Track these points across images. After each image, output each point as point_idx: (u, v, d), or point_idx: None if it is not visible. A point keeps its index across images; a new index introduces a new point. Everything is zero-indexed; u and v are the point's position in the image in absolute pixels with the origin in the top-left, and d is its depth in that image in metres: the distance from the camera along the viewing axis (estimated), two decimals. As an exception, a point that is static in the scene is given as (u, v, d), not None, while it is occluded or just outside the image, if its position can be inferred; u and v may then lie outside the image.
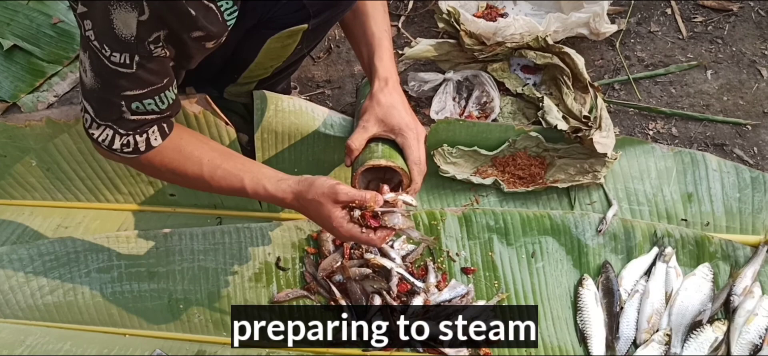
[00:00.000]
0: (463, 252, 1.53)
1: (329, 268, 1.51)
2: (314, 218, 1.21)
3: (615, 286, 1.45)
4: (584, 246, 1.51)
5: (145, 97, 1.12)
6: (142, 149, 1.18)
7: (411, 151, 1.26)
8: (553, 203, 1.59)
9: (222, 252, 1.54)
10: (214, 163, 1.23)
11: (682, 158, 1.58)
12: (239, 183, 1.22)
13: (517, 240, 1.52)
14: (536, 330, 1.34)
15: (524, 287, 1.49)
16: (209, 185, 1.23)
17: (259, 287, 1.52)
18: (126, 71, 1.07)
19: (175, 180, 1.27)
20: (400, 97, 1.30)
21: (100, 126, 1.15)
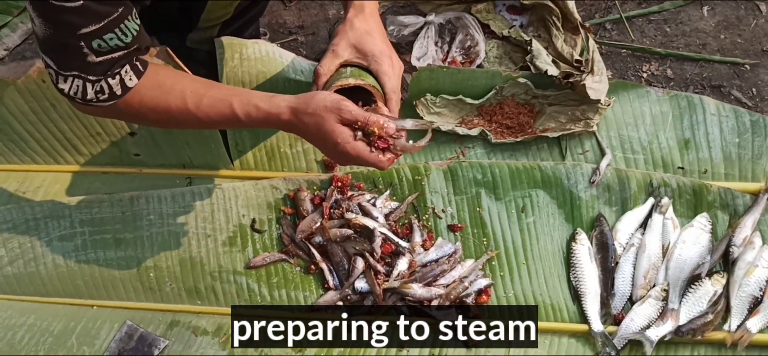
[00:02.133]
0: (449, 208, 1.45)
1: (308, 230, 1.42)
2: (313, 137, 1.09)
3: (609, 240, 1.38)
4: (577, 198, 1.43)
5: (105, 32, 1.01)
6: (118, 93, 1.08)
7: (387, 78, 1.16)
8: (543, 153, 1.50)
9: (193, 216, 1.45)
10: (198, 93, 1.12)
11: (678, 102, 1.50)
12: (228, 109, 1.11)
13: (506, 194, 1.44)
14: (536, 330, 1.29)
15: (514, 244, 1.42)
16: (196, 117, 1.12)
17: (234, 251, 1.43)
18: (72, 5, 0.96)
19: (158, 120, 1.15)
20: (377, 25, 1.19)
21: (66, 78, 1.05)
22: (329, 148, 1.09)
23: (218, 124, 1.16)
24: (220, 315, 1.41)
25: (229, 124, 1.14)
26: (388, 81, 1.16)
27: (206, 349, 1.37)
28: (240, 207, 1.46)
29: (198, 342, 1.38)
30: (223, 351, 1.36)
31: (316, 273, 1.42)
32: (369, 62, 1.17)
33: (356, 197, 1.44)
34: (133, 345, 1.37)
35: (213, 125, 1.16)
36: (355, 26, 1.17)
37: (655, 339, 1.30)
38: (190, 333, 1.39)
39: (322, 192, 1.45)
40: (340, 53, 1.17)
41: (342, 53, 1.17)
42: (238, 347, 1.31)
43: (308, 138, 1.12)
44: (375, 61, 1.16)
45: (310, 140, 1.12)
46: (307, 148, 1.52)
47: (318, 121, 1.06)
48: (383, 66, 1.16)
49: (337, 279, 1.41)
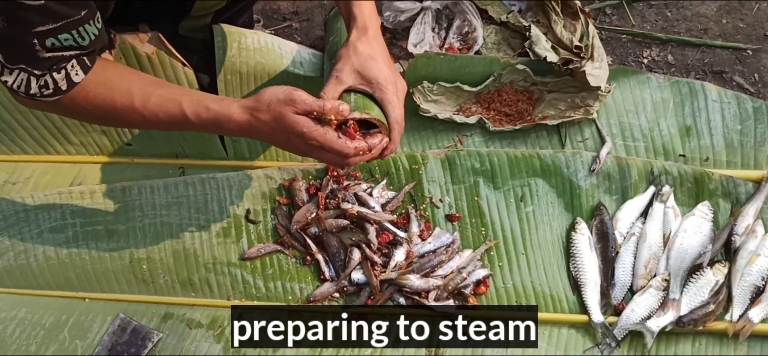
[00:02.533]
0: (447, 197, 1.42)
1: (303, 220, 1.40)
2: (273, 133, 1.06)
3: (609, 230, 1.36)
4: (576, 187, 1.41)
5: (61, 31, 0.97)
6: (63, 88, 1.04)
7: (391, 107, 1.12)
8: (542, 141, 1.48)
9: (186, 206, 1.42)
10: (146, 91, 1.08)
11: (679, 88, 1.48)
12: (177, 109, 1.07)
13: (504, 183, 1.42)
14: (536, 330, 1.27)
15: (513, 233, 1.40)
16: (142, 116, 1.08)
17: (228, 242, 1.41)
18: (34, 3, 0.93)
19: (104, 118, 1.12)
20: (381, 48, 1.15)
21: (12, 71, 1.01)
22: (293, 141, 1.05)
23: (166, 125, 1.10)
24: (214, 308, 1.38)
25: (177, 125, 1.09)
26: (393, 110, 1.12)
27: (201, 342, 1.35)
28: (234, 197, 1.43)
29: (192, 334, 1.36)
30: (218, 343, 1.34)
31: (312, 265, 1.40)
32: (374, 89, 1.12)
33: (352, 186, 1.42)
34: (126, 338, 1.35)
35: (160, 125, 1.10)
36: (358, 50, 1.12)
37: (656, 329, 1.28)
38: (184, 325, 1.37)
39: (318, 182, 1.43)
40: (343, 79, 1.12)
41: (346, 79, 1.12)
42: (239, 347, 1.29)
43: (266, 137, 1.07)
44: (380, 88, 1.12)
45: (268, 139, 1.08)
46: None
47: (276, 116, 1.03)
48: (387, 94, 1.12)
49: (334, 271, 1.38)
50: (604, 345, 1.29)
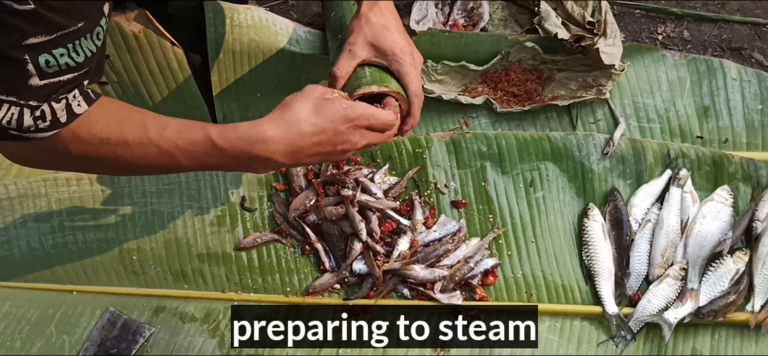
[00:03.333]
0: (452, 183, 1.35)
1: (302, 207, 1.33)
2: (318, 138, 0.94)
3: (624, 216, 1.29)
4: (589, 171, 1.34)
5: (55, 46, 0.82)
6: (62, 120, 0.87)
7: (409, 79, 1.04)
8: (552, 123, 1.41)
9: (178, 194, 1.35)
10: (162, 120, 0.94)
11: (696, 66, 1.40)
12: (200, 132, 0.93)
13: (513, 167, 1.35)
14: (536, 331, 1.21)
15: (523, 220, 1.33)
16: (158, 147, 0.92)
17: (223, 232, 1.34)
18: (22, 7, 0.78)
19: (109, 156, 0.93)
20: (394, 17, 1.08)
21: (1, 104, 0.83)
22: (338, 134, 0.95)
23: (185, 156, 0.94)
24: (209, 300, 1.32)
25: (200, 155, 0.94)
26: (411, 82, 1.05)
27: (194, 337, 1.28)
28: (228, 184, 1.37)
29: (186, 328, 1.29)
30: (213, 338, 1.28)
31: (311, 254, 1.33)
32: (389, 62, 1.05)
33: (353, 172, 1.35)
34: (116, 333, 1.29)
35: (178, 159, 0.94)
36: (371, 21, 1.05)
37: (674, 321, 1.22)
38: (177, 319, 1.30)
39: (317, 167, 1.36)
40: (357, 53, 1.04)
41: (359, 52, 1.04)
42: (238, 347, 1.24)
43: (311, 147, 0.95)
44: (396, 60, 1.05)
45: (313, 150, 0.96)
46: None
47: (314, 111, 0.95)
48: (405, 65, 1.05)
49: (334, 261, 1.32)
50: (619, 338, 1.23)
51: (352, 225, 1.29)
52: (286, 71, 1.40)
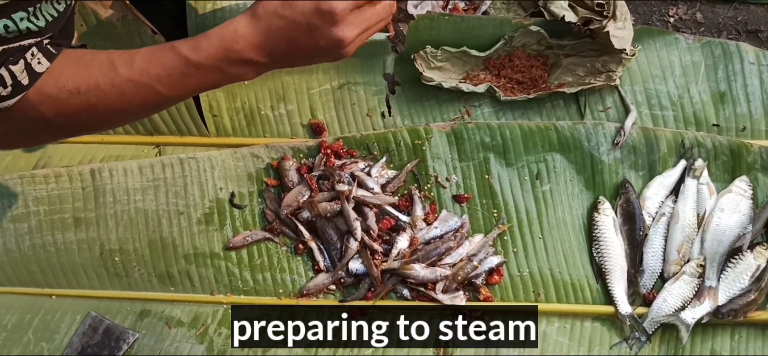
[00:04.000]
0: (454, 176, 1.28)
1: (294, 204, 1.25)
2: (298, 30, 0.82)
3: (637, 209, 1.22)
4: (598, 162, 1.26)
5: (15, 10, 0.75)
6: (24, 83, 0.80)
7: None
8: (559, 112, 1.33)
9: (163, 190, 1.28)
10: (129, 54, 0.85)
11: (711, 50, 1.32)
12: (171, 52, 0.83)
13: (518, 158, 1.27)
14: (536, 331, 1.16)
15: (529, 214, 1.25)
16: (132, 83, 0.83)
17: (211, 230, 1.26)
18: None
19: (81, 108, 0.84)
20: None
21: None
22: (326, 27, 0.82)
23: (162, 83, 0.84)
24: (196, 304, 1.24)
25: (176, 78, 0.84)
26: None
27: (181, 342, 1.21)
28: (217, 179, 1.29)
29: (172, 334, 1.22)
30: (201, 344, 1.20)
31: (305, 253, 1.25)
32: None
33: (348, 166, 1.27)
34: (98, 339, 1.21)
35: (156, 88, 0.84)
36: None
37: (691, 321, 1.14)
38: (162, 324, 1.23)
39: (310, 161, 1.28)
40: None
41: None
42: (239, 347, 1.18)
43: (288, 43, 0.84)
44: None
45: (290, 45, 0.84)
46: (291, 110, 1.34)
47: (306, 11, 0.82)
48: None
49: (329, 260, 1.24)
50: (633, 340, 1.16)
51: (348, 222, 1.22)
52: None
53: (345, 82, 1.36)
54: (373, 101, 1.36)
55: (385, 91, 1.35)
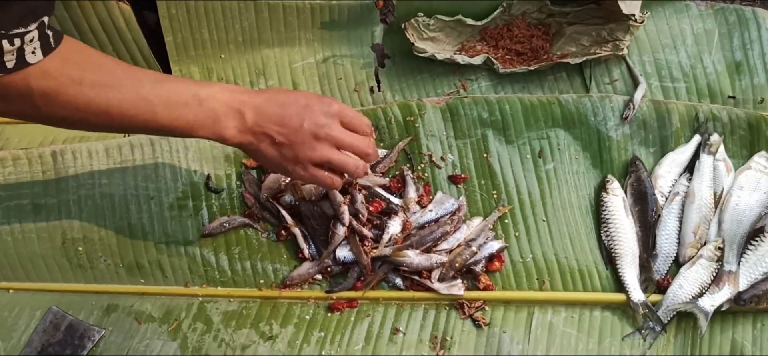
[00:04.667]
0: (449, 155, 1.18)
1: (276, 187, 1.15)
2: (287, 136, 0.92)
3: (648, 189, 1.12)
4: (606, 138, 1.17)
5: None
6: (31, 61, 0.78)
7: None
8: (562, 85, 1.24)
9: (132, 174, 1.17)
10: (141, 71, 0.92)
11: (724, 16, 1.23)
12: (183, 83, 0.91)
13: (518, 135, 1.17)
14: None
15: (531, 196, 1.16)
16: (136, 95, 0.86)
17: (185, 216, 1.16)
18: None
19: (76, 99, 0.83)
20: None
21: None
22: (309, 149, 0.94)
23: (163, 105, 0.88)
24: (169, 297, 1.14)
25: (178, 106, 0.88)
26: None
27: (152, 339, 1.10)
28: (191, 160, 1.18)
29: (142, 330, 1.11)
30: (174, 341, 1.09)
31: (288, 240, 1.15)
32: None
33: (335, 144, 1.16)
34: (60, 337, 1.10)
35: (155, 107, 0.87)
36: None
37: (710, 309, 1.05)
38: (131, 319, 1.12)
39: (292, 140, 1.17)
40: None
41: None
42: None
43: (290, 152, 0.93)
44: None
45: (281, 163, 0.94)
46: (272, 85, 1.25)
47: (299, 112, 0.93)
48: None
49: (314, 247, 1.14)
50: (647, 330, 1.06)
51: (334, 205, 1.11)
52: (251, 26, 1.21)
53: (330, 55, 1.26)
54: (361, 75, 1.26)
55: (373, 64, 1.26)
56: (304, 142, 0.92)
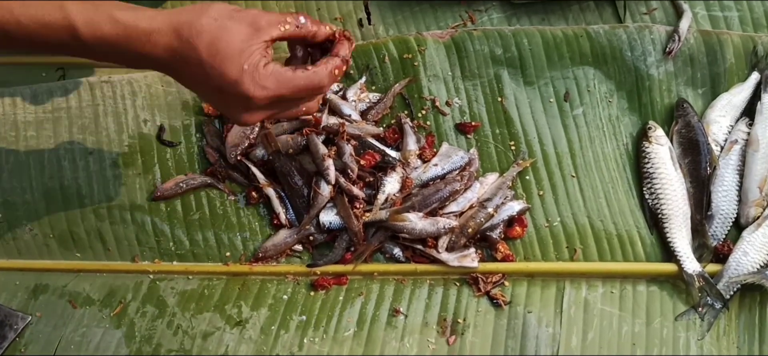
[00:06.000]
0: (456, 99, 0.97)
1: (243, 139, 0.93)
2: (217, 74, 0.68)
3: (700, 136, 0.93)
4: (645, 77, 0.97)
5: None
6: None
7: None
8: (590, 15, 1.04)
9: (66, 124, 0.97)
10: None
11: (783, -68, 1.04)
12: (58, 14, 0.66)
13: (539, 75, 0.97)
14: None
15: (557, 147, 0.95)
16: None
17: (132, 175, 0.94)
18: None
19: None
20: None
21: None
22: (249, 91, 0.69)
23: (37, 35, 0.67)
24: (112, 274, 0.92)
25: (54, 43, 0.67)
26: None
27: (90, 327, 0.88)
28: (140, 108, 0.97)
29: (78, 316, 0.90)
30: (117, 328, 0.88)
31: (260, 204, 0.93)
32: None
33: (316, 86, 0.95)
34: (-25, 326, 0.88)
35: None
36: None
37: (782, 280, 0.85)
38: (64, 302, 0.90)
39: (265, 81, 0.96)
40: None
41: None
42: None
43: (197, 77, 0.69)
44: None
45: (198, 80, 0.70)
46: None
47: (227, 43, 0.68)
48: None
49: (293, 211, 0.92)
50: (705, 307, 0.86)
51: (317, 159, 0.90)
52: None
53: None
54: (347, 6, 1.06)
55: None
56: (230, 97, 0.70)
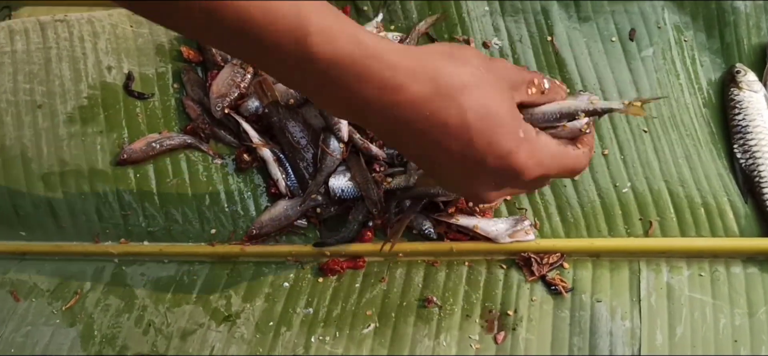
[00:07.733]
0: (495, 40, 0.79)
1: (233, 89, 0.74)
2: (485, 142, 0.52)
3: (801, 81, 0.74)
4: (730, 11, 0.79)
5: None
6: None
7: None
8: (656, -64, 0.85)
9: (10, 72, 0.80)
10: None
11: None
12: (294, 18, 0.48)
13: (597, 9, 0.80)
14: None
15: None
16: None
17: (91, 133, 0.76)
18: None
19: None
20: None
21: None
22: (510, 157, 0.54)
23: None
24: (65, 259, 0.73)
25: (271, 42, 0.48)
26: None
27: (38, 325, 0.69)
28: (103, 53, 0.79)
29: (21, 310, 0.70)
30: (72, 325, 0.69)
31: (254, 169, 0.75)
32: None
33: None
34: None
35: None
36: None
37: None
38: (4, 293, 0.71)
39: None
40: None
41: None
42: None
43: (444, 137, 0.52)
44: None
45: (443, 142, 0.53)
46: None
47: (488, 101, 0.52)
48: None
49: (295, 177, 0.73)
50: (821, 293, 0.68)
51: (324, 112, 0.71)
52: None
53: None
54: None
55: None
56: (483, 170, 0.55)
